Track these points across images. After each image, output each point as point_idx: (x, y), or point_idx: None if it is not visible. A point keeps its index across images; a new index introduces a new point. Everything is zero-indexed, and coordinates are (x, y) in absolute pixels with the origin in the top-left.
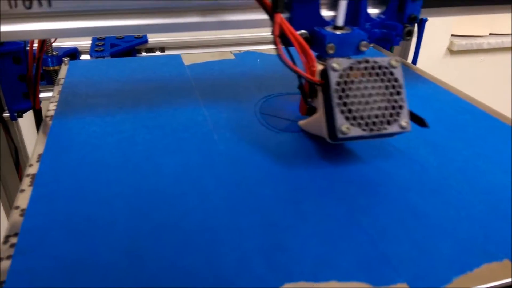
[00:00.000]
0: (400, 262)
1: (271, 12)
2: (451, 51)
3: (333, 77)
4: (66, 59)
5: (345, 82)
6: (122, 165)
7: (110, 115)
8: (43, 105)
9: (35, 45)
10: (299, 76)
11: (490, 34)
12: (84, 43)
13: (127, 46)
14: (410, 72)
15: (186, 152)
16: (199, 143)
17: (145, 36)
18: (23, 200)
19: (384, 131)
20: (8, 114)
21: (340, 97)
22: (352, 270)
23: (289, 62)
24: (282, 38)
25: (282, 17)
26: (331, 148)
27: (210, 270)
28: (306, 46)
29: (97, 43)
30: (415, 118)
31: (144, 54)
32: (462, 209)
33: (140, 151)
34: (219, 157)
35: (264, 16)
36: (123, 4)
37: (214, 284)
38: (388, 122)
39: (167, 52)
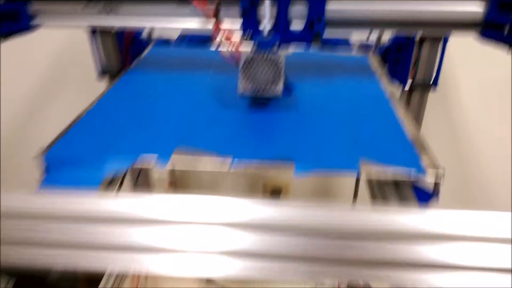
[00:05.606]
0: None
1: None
2: None
3: (242, 59)
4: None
5: (249, 63)
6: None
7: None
8: None
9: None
10: None
11: None
12: None
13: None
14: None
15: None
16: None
17: None
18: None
19: (266, 94)
20: None
21: (244, 71)
22: None
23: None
24: None
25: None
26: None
27: None
28: None
29: None
30: (286, 86)
31: None
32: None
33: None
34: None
35: None
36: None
37: None
38: (270, 89)
39: None
